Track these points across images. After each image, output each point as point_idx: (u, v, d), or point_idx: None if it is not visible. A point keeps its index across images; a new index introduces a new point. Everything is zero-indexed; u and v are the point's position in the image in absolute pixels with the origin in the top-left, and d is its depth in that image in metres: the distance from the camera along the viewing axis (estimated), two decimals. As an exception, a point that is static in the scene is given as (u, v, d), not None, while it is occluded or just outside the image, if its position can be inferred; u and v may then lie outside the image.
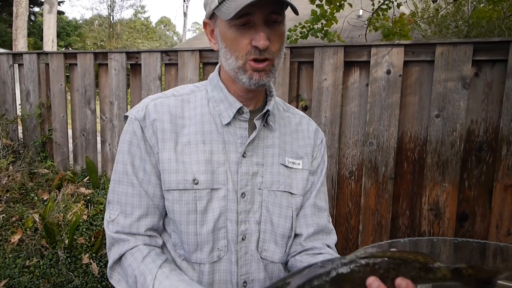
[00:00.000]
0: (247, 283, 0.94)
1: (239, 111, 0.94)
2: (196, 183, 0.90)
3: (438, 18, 6.47)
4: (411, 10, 6.60)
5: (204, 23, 0.96)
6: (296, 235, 1.01)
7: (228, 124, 0.94)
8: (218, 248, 0.92)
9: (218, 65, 0.99)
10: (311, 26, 3.32)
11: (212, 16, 0.90)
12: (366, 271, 0.61)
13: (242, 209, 0.93)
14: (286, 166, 0.99)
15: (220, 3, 0.83)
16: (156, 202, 0.93)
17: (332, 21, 3.21)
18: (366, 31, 3.32)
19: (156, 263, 0.86)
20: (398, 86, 2.52)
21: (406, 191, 2.61)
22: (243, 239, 0.93)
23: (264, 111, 0.96)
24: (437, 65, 2.40)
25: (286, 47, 2.85)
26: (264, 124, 0.98)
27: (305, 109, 2.87)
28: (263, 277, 0.96)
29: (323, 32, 3.33)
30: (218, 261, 0.92)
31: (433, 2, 3.68)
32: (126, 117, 0.95)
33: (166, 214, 0.96)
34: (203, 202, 0.90)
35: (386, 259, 0.62)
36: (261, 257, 0.96)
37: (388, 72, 2.54)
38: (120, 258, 0.90)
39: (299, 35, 3.41)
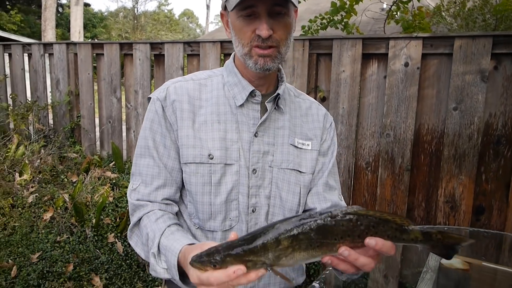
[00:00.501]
0: None
1: (252, 94, 1.04)
2: (211, 158, 0.99)
3: (465, 12, 6.34)
4: (437, 3, 6.49)
5: (221, 14, 1.05)
6: (310, 210, 1.09)
7: (242, 106, 1.04)
8: (230, 218, 1.02)
9: (233, 53, 1.08)
10: (331, 18, 3.36)
11: (226, 7, 0.99)
12: (348, 226, 0.67)
13: (253, 184, 1.03)
14: (296, 147, 1.08)
15: None
16: (174, 175, 1.03)
17: (352, 13, 3.24)
18: (384, 23, 3.32)
19: (166, 223, 0.95)
20: (416, 79, 2.55)
21: (422, 183, 2.64)
22: (253, 211, 1.03)
23: (275, 94, 1.05)
24: (456, 58, 2.42)
25: (305, 39, 2.92)
26: (275, 107, 1.07)
27: (323, 100, 2.93)
28: None
29: (342, 24, 3.36)
30: (230, 229, 1.03)
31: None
32: (149, 99, 1.06)
33: (183, 187, 1.06)
34: (217, 176, 1.00)
35: (368, 217, 0.68)
36: None
37: (406, 64, 2.57)
38: (138, 221, 1.01)
39: (319, 26, 3.45)
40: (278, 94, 1.05)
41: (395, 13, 3.35)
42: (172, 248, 0.86)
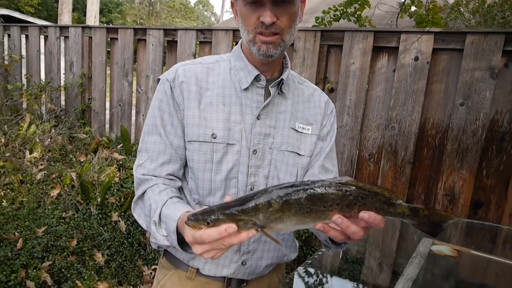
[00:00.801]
0: None
1: (257, 78, 1.07)
2: (214, 138, 1.03)
3: (484, 8, 6.22)
4: None
5: (231, 3, 1.09)
6: None
7: (246, 89, 1.07)
8: (228, 195, 1.05)
9: (241, 40, 1.12)
10: (344, 10, 3.35)
11: None
12: (338, 195, 0.70)
13: (252, 164, 1.06)
14: (296, 130, 1.11)
15: None
16: (179, 152, 1.07)
17: (365, 6, 3.23)
18: (397, 17, 3.30)
19: (168, 195, 0.99)
20: (425, 73, 2.54)
21: (423, 176, 2.64)
22: (251, 189, 1.07)
23: (279, 79, 1.08)
24: (466, 54, 2.40)
25: (316, 30, 2.92)
26: (278, 92, 1.10)
27: (331, 91, 2.93)
28: None
29: (355, 16, 3.36)
30: None
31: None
32: (158, 80, 1.10)
33: (186, 164, 1.10)
34: (219, 154, 1.04)
35: (357, 188, 0.71)
36: None
37: (416, 58, 2.56)
38: (143, 194, 1.05)
39: (332, 17, 3.45)
40: (282, 79, 1.08)
41: (408, 7, 3.32)
42: (172, 215, 0.90)
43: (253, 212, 0.70)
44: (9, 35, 4.99)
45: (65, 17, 13.75)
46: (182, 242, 0.88)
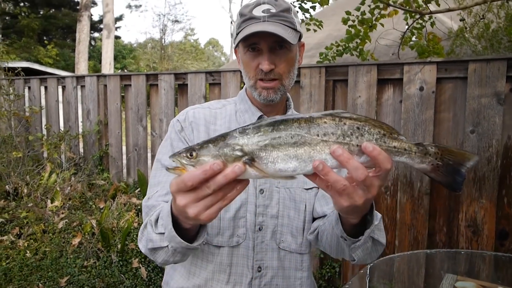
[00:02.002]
0: (262, 269, 1.09)
1: (260, 119, 1.12)
2: None
3: (489, 33, 6.28)
4: (459, 25, 6.47)
5: (235, 50, 1.17)
6: (323, 216, 1.11)
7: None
8: (237, 235, 1.08)
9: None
10: (346, 45, 3.45)
11: (237, 45, 1.11)
12: (331, 123, 0.63)
13: (260, 203, 1.10)
14: None
15: (237, 34, 1.05)
16: None
17: (366, 40, 3.32)
18: (398, 49, 3.38)
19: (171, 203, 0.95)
20: (431, 103, 2.57)
21: (443, 207, 2.61)
22: (259, 229, 1.09)
23: None
24: (471, 81, 2.43)
25: (321, 67, 3.00)
26: None
27: (340, 125, 2.97)
28: (276, 265, 1.10)
29: (357, 50, 3.45)
30: (237, 246, 1.09)
31: (461, 21, 3.66)
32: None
33: None
34: None
35: (351, 118, 0.63)
36: (279, 247, 1.11)
37: (421, 89, 2.59)
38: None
39: (335, 53, 3.55)
40: None
41: (408, 39, 3.40)
42: (167, 205, 0.85)
43: (240, 137, 0.64)
44: (29, 87, 5.24)
45: (82, 65, 14.35)
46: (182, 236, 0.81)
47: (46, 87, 5.07)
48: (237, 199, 1.06)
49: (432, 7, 2.90)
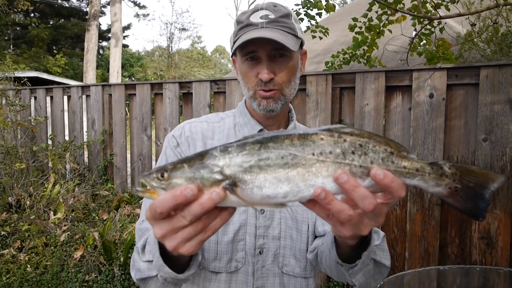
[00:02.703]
0: None
1: (260, 133, 1.05)
2: None
3: (498, 37, 6.17)
4: (468, 30, 6.38)
5: (233, 60, 1.11)
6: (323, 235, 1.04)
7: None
8: (236, 260, 1.00)
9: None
10: (353, 52, 3.38)
11: (235, 53, 1.05)
12: (328, 141, 0.54)
13: (260, 224, 1.02)
14: None
15: (234, 43, 0.99)
16: None
17: (373, 47, 3.25)
18: (407, 55, 3.30)
19: None
20: (441, 110, 2.48)
21: (455, 218, 2.51)
22: (260, 253, 1.01)
23: None
24: (482, 88, 2.34)
25: (327, 74, 2.93)
26: None
27: (347, 133, 2.89)
28: None
29: (365, 58, 3.37)
30: (236, 271, 1.00)
31: (472, 26, 3.58)
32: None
33: None
34: None
35: (353, 134, 0.55)
36: (282, 271, 1.02)
37: (431, 96, 2.51)
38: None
39: (342, 61, 3.48)
40: None
41: (417, 44, 3.33)
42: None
43: (221, 156, 0.54)
44: (35, 97, 5.25)
45: (90, 74, 14.49)
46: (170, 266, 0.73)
47: (52, 97, 5.07)
48: (236, 220, 1.00)
49: (442, 12, 2.82)
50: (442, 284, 1.90)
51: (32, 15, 24.94)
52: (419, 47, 3.30)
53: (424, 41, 3.25)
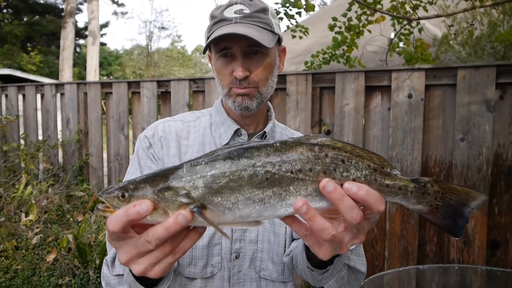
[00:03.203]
0: None
1: (237, 133, 1.02)
2: None
3: (473, 40, 6.34)
4: (444, 32, 6.53)
5: (209, 57, 1.06)
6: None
7: (227, 144, 1.00)
8: (212, 265, 0.96)
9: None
10: (333, 52, 3.39)
11: (210, 50, 1.00)
12: (309, 156, 0.50)
13: (237, 227, 0.97)
14: None
15: (207, 38, 0.95)
16: None
17: (353, 47, 3.26)
18: (386, 56, 3.33)
19: None
20: (420, 110, 2.50)
21: (433, 217, 2.53)
22: (236, 257, 0.97)
23: (261, 132, 1.03)
24: (460, 88, 2.37)
25: (307, 73, 2.92)
26: None
27: (327, 133, 2.89)
28: None
29: (344, 57, 3.38)
30: (211, 277, 0.96)
31: (450, 27, 3.64)
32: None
33: None
34: None
35: (335, 148, 0.51)
36: (260, 276, 0.99)
37: (410, 96, 2.53)
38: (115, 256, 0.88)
39: (321, 61, 3.48)
40: (265, 132, 1.03)
41: (396, 45, 3.36)
42: None
43: (187, 176, 0.49)
44: (6, 96, 5.05)
45: (66, 72, 14.11)
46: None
47: (24, 95, 4.89)
48: None
49: (420, 13, 2.85)
50: (421, 282, 1.91)
51: (5, 11, 24.11)
52: (397, 48, 3.34)
53: (403, 42, 3.29)
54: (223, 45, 0.91)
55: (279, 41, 0.99)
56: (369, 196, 0.50)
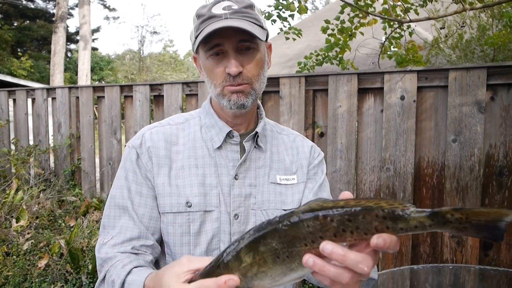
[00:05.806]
0: None
1: (229, 135, 1.00)
2: (189, 206, 0.94)
3: (463, 43, 6.43)
4: (434, 36, 6.60)
5: (194, 58, 1.04)
6: None
7: (220, 147, 1.00)
8: None
9: (209, 94, 1.06)
10: (326, 54, 3.41)
11: (197, 50, 0.98)
12: (315, 225, 0.53)
13: (235, 230, 0.97)
14: (279, 184, 1.02)
15: (196, 38, 0.93)
16: (152, 225, 0.95)
17: (346, 49, 3.29)
18: (378, 58, 3.36)
19: (133, 265, 0.86)
20: (412, 112, 2.52)
21: (426, 218, 2.55)
22: None
23: (253, 132, 1.01)
24: (451, 90, 2.40)
25: (300, 76, 2.93)
26: (255, 146, 1.02)
27: (321, 135, 2.90)
28: None
29: (337, 59, 3.41)
30: None
31: (441, 29, 3.69)
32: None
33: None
34: (196, 224, 0.94)
35: (339, 209, 0.52)
36: None
37: (402, 98, 2.55)
38: (105, 275, 0.90)
39: (315, 62, 3.50)
40: (257, 132, 1.02)
41: (388, 48, 3.39)
42: (137, 278, 0.79)
43: (229, 272, 0.60)
44: (-3, 101, 5.00)
45: (57, 77, 13.99)
46: None
47: (14, 100, 4.84)
48: (209, 229, 0.94)
49: (411, 16, 2.88)
50: (415, 283, 1.92)
51: (-5, 15, 23.91)
52: (389, 51, 3.37)
53: (394, 45, 3.32)
54: (214, 42, 0.90)
55: (266, 37, 0.99)
56: (390, 244, 0.50)
